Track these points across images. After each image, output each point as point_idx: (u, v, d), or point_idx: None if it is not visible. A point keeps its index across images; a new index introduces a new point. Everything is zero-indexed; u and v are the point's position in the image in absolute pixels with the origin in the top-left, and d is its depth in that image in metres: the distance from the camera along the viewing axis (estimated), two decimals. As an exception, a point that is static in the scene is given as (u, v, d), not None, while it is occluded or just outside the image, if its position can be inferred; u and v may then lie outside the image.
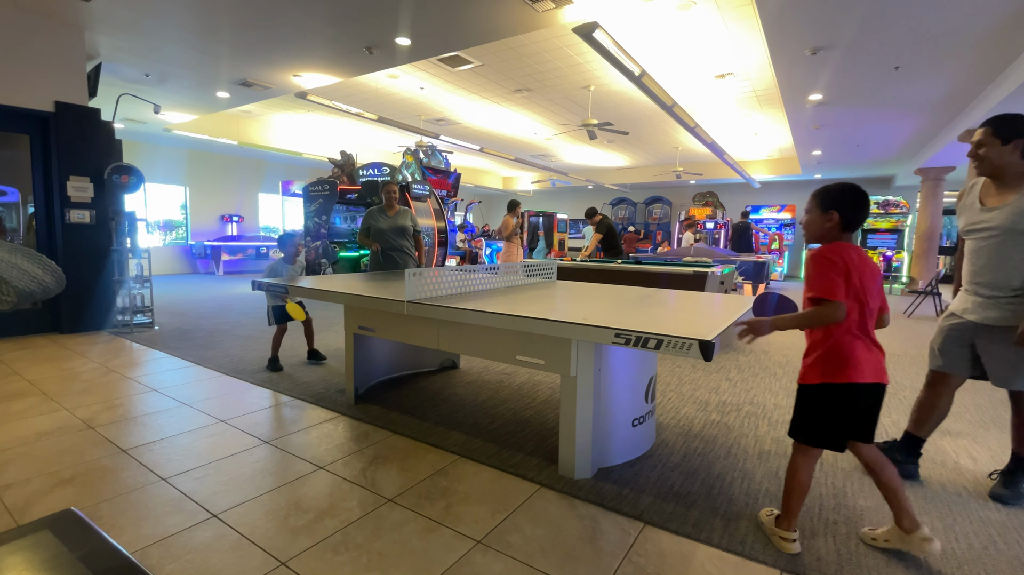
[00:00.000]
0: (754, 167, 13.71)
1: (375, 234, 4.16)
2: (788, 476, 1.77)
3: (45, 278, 1.21)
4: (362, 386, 3.26)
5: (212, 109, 8.42)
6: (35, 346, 4.58)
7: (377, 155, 12.86)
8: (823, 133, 8.84)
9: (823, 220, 1.70)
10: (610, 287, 3.25)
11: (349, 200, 8.40)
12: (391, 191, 4.16)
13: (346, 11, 4.72)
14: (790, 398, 3.39)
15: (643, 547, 1.75)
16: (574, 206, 18.89)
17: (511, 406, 3.12)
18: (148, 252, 5.60)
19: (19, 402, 3.10)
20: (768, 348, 4.91)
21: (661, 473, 2.28)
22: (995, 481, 2.18)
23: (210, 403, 3.14)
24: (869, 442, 1.72)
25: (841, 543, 1.78)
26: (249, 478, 2.20)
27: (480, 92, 8.11)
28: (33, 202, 5.14)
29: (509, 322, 2.14)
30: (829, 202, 1.69)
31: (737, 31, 5.57)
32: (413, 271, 2.56)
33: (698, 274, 4.59)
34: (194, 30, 5.25)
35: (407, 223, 4.21)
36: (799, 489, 1.73)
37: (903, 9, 4.23)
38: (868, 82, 6.12)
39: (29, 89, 4.86)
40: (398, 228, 4.14)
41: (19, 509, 1.93)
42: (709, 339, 1.63)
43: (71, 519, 0.81)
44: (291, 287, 3.12)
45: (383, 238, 4.20)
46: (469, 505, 2.00)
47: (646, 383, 2.51)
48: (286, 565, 1.62)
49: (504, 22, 4.82)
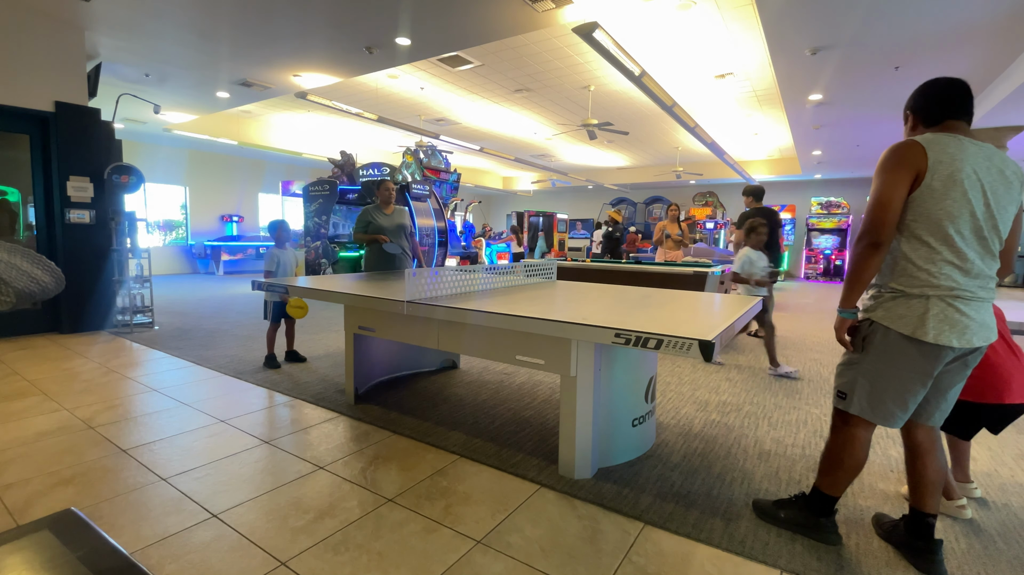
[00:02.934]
0: (754, 167, 13.71)
1: (375, 232, 4.16)
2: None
3: (44, 278, 1.20)
4: (362, 386, 3.26)
5: (212, 109, 8.42)
6: (35, 346, 4.58)
7: (377, 155, 12.86)
8: (823, 133, 8.84)
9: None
10: (610, 287, 3.25)
11: (349, 200, 8.41)
12: (389, 189, 4.15)
13: (346, 11, 4.72)
14: (790, 398, 3.39)
15: (643, 547, 1.75)
16: (574, 206, 18.90)
17: (511, 406, 3.12)
18: (148, 252, 5.60)
19: (19, 402, 3.10)
20: (768, 348, 4.90)
21: (661, 473, 2.28)
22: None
23: (210, 403, 3.14)
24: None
25: (841, 543, 1.78)
26: (249, 478, 2.20)
27: (480, 92, 8.10)
28: (32, 202, 5.14)
29: (509, 322, 2.14)
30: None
31: (737, 31, 5.57)
32: (413, 271, 2.56)
33: (698, 274, 4.59)
34: (194, 30, 5.25)
35: (405, 222, 4.21)
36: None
37: (903, 9, 4.23)
38: (868, 82, 6.12)
39: (29, 89, 4.85)
40: (398, 226, 4.14)
41: (19, 509, 1.93)
42: (709, 339, 1.63)
43: (71, 519, 0.81)
44: (291, 287, 3.12)
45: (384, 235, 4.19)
46: (469, 505, 2.00)
47: (646, 383, 2.51)
48: (286, 565, 1.62)
49: (504, 22, 4.82)
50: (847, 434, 1.72)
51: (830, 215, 13.97)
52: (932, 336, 1.50)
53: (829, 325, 6.35)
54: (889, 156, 1.55)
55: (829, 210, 14.01)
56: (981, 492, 2.13)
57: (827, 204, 14.04)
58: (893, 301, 1.59)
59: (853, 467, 1.73)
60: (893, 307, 1.58)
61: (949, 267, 1.51)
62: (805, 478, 2.25)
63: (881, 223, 1.53)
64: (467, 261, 10.39)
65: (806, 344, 5.13)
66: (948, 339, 1.50)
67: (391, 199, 4.16)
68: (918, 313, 1.53)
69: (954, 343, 1.50)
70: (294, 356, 4.13)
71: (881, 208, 1.53)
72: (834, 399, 1.77)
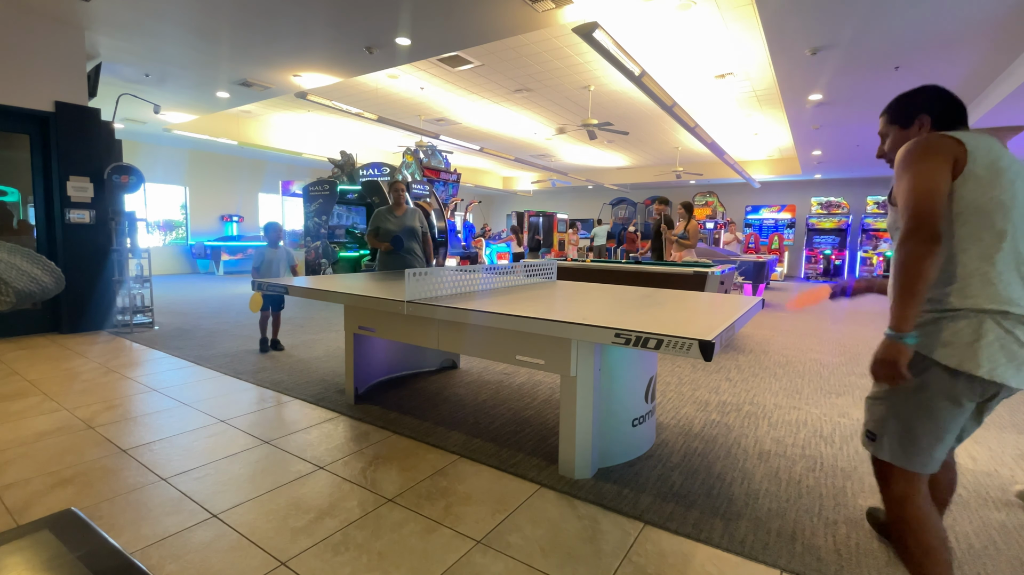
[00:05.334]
0: (754, 167, 13.72)
1: (384, 235, 4.15)
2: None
3: (44, 279, 1.20)
4: (362, 386, 3.26)
5: (212, 109, 8.42)
6: (35, 346, 4.58)
7: (377, 155, 12.86)
8: (823, 133, 8.84)
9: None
10: (610, 287, 3.25)
11: (349, 200, 8.41)
12: (399, 189, 4.14)
13: (346, 11, 4.72)
14: (790, 398, 3.39)
15: (643, 547, 1.75)
16: (574, 206, 18.90)
17: (511, 406, 3.12)
18: (148, 252, 5.60)
19: (19, 402, 3.10)
20: (768, 348, 4.91)
21: (661, 473, 2.28)
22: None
23: (210, 403, 3.14)
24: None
25: (841, 543, 1.78)
26: (249, 478, 2.20)
27: (480, 92, 8.11)
28: (33, 202, 5.14)
29: (509, 322, 2.14)
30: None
31: (737, 31, 5.57)
32: (413, 271, 2.56)
33: (698, 274, 4.59)
34: (194, 30, 5.25)
35: (415, 224, 4.18)
36: None
37: (903, 9, 4.23)
38: (868, 82, 6.12)
39: (29, 89, 4.86)
40: (406, 229, 4.11)
41: (19, 509, 1.93)
42: (709, 339, 1.63)
43: (71, 519, 0.81)
44: (291, 287, 3.12)
45: (391, 238, 4.19)
46: (469, 505, 2.00)
47: (646, 383, 2.51)
48: (286, 565, 1.62)
49: (504, 22, 4.82)
50: (896, 496, 1.38)
51: (830, 215, 13.97)
52: (986, 370, 1.20)
53: (829, 325, 6.35)
54: (915, 148, 1.30)
55: (829, 210, 14.02)
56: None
57: (827, 204, 14.04)
58: (935, 324, 1.29)
59: (939, 546, 1.33)
60: (934, 330, 1.28)
61: (1009, 272, 1.23)
62: (805, 478, 2.26)
63: (931, 212, 1.22)
64: (467, 261, 10.39)
65: (806, 344, 5.13)
66: (1004, 375, 1.19)
67: (400, 200, 4.16)
68: (967, 339, 1.23)
69: (1011, 382, 1.20)
70: (275, 345, 4.52)
71: (927, 196, 1.23)
72: (863, 439, 1.47)
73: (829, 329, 6.07)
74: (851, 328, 6.16)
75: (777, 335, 5.58)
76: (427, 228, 4.31)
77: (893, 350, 1.24)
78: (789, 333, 5.70)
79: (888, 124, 1.53)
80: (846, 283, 1.64)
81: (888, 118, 1.54)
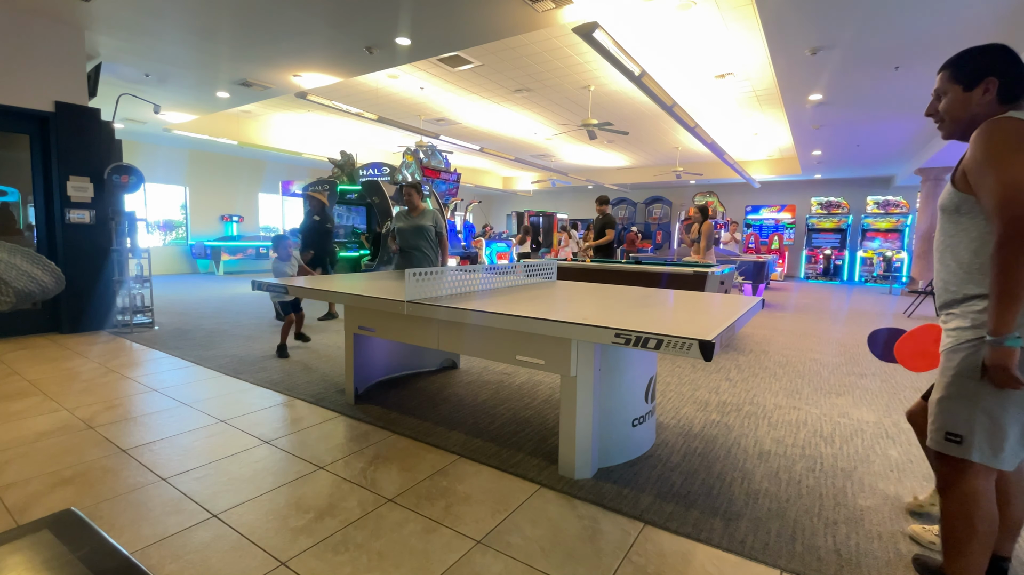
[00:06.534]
0: (754, 167, 13.71)
1: (397, 235, 4.31)
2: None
3: (44, 279, 1.20)
4: (362, 386, 3.26)
5: (212, 109, 8.42)
6: (35, 346, 4.58)
7: (377, 155, 12.86)
8: (823, 133, 8.84)
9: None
10: (610, 287, 3.25)
11: (349, 200, 8.41)
12: (408, 194, 4.27)
13: (346, 11, 4.72)
14: (790, 398, 3.39)
15: (643, 547, 1.75)
16: (574, 206, 18.90)
17: (511, 406, 3.12)
18: (148, 252, 5.60)
19: (19, 402, 3.10)
20: (768, 348, 4.91)
21: (661, 473, 2.28)
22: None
23: (210, 403, 3.14)
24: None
25: (841, 543, 1.78)
26: (249, 478, 2.20)
27: (480, 92, 8.11)
28: (33, 202, 5.14)
29: (509, 322, 2.14)
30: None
31: (737, 31, 5.57)
32: (413, 271, 2.56)
33: (698, 274, 4.58)
34: (194, 30, 5.25)
35: (427, 223, 4.25)
36: None
37: (903, 9, 4.23)
38: (868, 82, 6.12)
39: (29, 89, 4.85)
40: (416, 228, 4.22)
41: (19, 509, 1.93)
42: (709, 339, 1.63)
43: (71, 519, 0.81)
44: (291, 287, 3.12)
45: (402, 238, 4.29)
46: (469, 505, 2.00)
47: (646, 383, 2.51)
48: (286, 565, 1.62)
49: (504, 22, 4.82)
50: (967, 490, 1.35)
51: (830, 215, 13.97)
52: None
53: (829, 325, 6.35)
54: (1004, 135, 1.22)
55: (829, 210, 14.01)
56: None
57: (827, 204, 14.04)
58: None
59: (989, 532, 1.35)
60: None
61: None
62: (805, 478, 2.26)
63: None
64: (467, 261, 10.39)
65: (806, 344, 5.13)
66: None
67: (412, 202, 4.26)
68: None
69: None
70: (300, 336, 4.71)
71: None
72: (938, 445, 1.37)
73: (829, 329, 6.08)
74: (851, 328, 6.16)
75: (777, 335, 5.58)
76: (441, 228, 4.35)
77: (999, 356, 1.22)
78: (789, 333, 5.70)
79: (948, 81, 1.40)
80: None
81: (949, 74, 1.40)
